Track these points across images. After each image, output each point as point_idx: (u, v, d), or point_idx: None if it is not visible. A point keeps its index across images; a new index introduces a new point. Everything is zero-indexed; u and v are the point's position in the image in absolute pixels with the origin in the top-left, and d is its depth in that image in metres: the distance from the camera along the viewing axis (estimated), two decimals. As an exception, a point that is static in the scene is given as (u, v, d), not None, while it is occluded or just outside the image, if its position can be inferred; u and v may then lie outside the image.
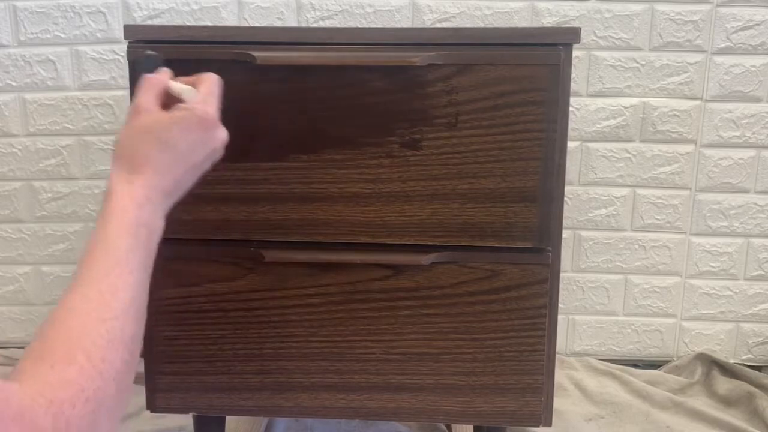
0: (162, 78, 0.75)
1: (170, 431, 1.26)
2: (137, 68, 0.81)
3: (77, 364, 0.52)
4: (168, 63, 0.93)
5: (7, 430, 0.45)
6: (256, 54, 0.90)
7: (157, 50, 0.89)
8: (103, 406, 0.52)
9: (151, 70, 0.77)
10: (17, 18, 1.40)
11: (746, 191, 1.46)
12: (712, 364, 1.49)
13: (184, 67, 0.93)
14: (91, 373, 0.53)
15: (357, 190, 0.94)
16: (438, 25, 1.40)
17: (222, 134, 0.73)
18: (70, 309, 0.57)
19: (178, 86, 0.75)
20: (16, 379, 0.51)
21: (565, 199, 1.22)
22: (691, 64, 1.41)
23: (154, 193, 0.66)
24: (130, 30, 0.94)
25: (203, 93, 0.73)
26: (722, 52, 1.40)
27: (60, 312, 0.57)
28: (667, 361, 1.53)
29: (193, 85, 0.76)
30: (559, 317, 1.07)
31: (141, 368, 0.86)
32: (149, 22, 1.39)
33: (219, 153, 0.74)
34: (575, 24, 1.38)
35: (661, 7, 1.39)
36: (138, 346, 0.60)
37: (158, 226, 0.68)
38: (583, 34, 0.96)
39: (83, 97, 1.43)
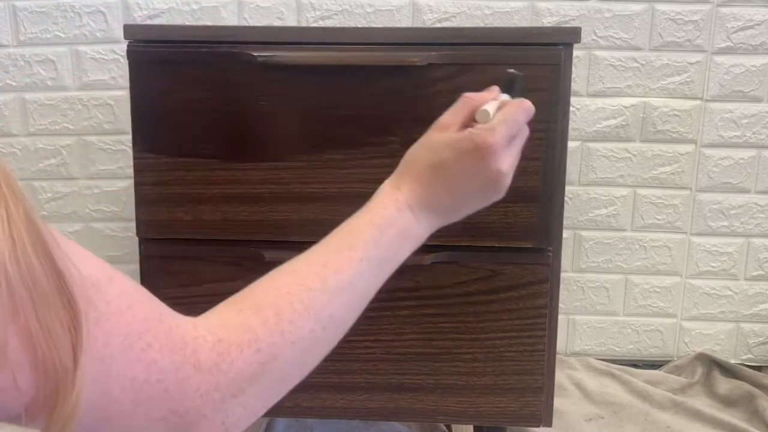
0: (478, 98, 0.69)
1: (170, 431, 1.26)
2: (503, 87, 0.73)
3: (263, 316, 0.52)
4: (168, 63, 0.93)
5: (167, 359, 0.45)
6: (256, 54, 0.90)
7: (157, 50, 0.89)
8: (275, 362, 0.51)
9: (511, 90, 0.72)
10: (17, 18, 1.40)
11: (746, 191, 1.46)
12: (712, 364, 1.49)
13: (184, 67, 0.93)
14: (273, 329, 0.52)
15: (357, 190, 0.94)
16: (438, 25, 1.40)
17: (498, 164, 0.64)
18: (288, 269, 0.58)
19: (483, 109, 0.68)
20: (206, 314, 0.52)
21: (566, 199, 1.22)
22: (691, 63, 1.41)
23: (416, 203, 0.64)
24: (130, 30, 0.94)
25: (497, 119, 0.66)
26: (722, 51, 1.40)
27: (279, 270, 0.58)
28: (668, 361, 1.52)
29: (503, 108, 0.69)
30: (560, 317, 1.07)
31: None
32: (149, 22, 1.39)
33: (498, 186, 0.66)
34: (575, 24, 1.38)
35: (661, 6, 1.39)
36: (337, 328, 0.58)
37: (414, 235, 0.64)
38: (583, 34, 0.96)
39: (83, 97, 1.43)
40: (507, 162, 0.65)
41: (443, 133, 0.67)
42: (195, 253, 0.97)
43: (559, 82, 0.91)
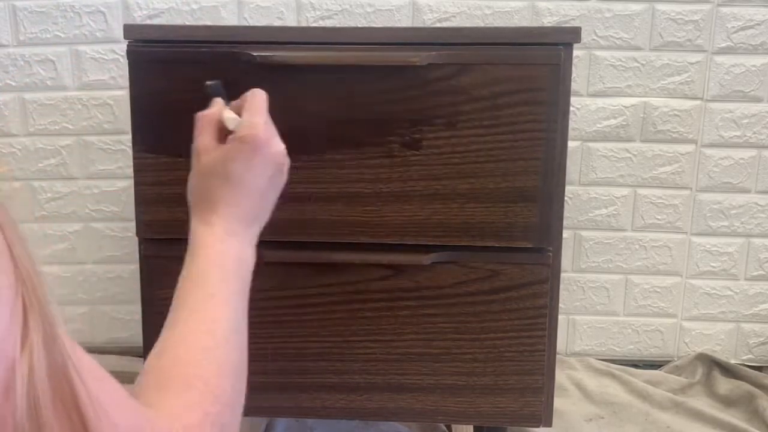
0: (214, 112, 0.73)
1: None
2: (207, 93, 0.78)
3: (196, 389, 0.53)
4: (168, 63, 0.93)
5: None
6: (255, 54, 0.90)
7: (157, 50, 0.89)
8: (225, 427, 0.54)
9: (218, 96, 0.76)
10: (17, 18, 1.40)
11: (747, 191, 1.45)
12: (712, 364, 1.49)
13: (184, 67, 0.93)
14: (209, 397, 0.54)
15: (357, 190, 0.94)
16: (438, 25, 1.40)
17: (277, 148, 0.70)
18: (174, 341, 0.58)
19: (228, 117, 0.73)
20: (147, 403, 0.52)
21: (566, 198, 1.22)
22: (691, 63, 1.41)
23: (233, 225, 0.66)
24: (129, 30, 0.94)
25: (248, 116, 0.70)
26: (723, 51, 1.40)
27: (165, 345, 0.58)
28: (668, 361, 1.52)
29: (242, 107, 0.74)
30: (560, 317, 1.06)
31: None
32: (149, 22, 1.39)
33: (283, 164, 0.72)
34: (575, 24, 1.38)
35: (661, 6, 1.39)
36: (244, 374, 0.60)
37: (247, 255, 0.67)
38: (583, 34, 0.96)
39: (83, 97, 1.43)
40: (278, 140, 0.71)
41: (209, 154, 0.69)
42: (195, 253, 0.97)
43: (559, 82, 0.91)
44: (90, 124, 1.44)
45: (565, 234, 1.42)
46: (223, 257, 0.64)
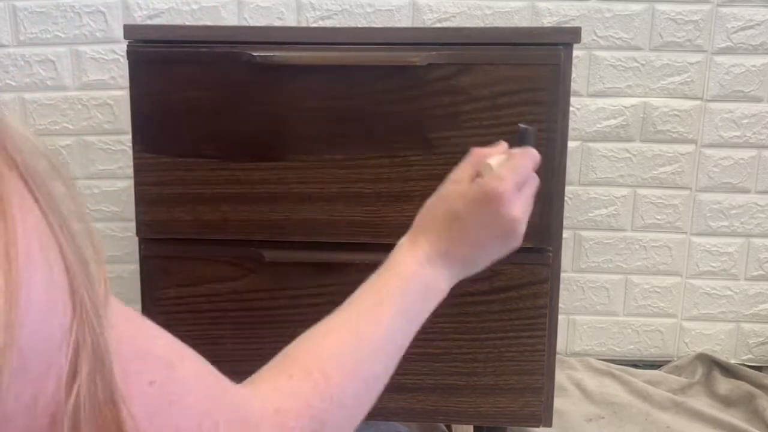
0: (484, 152, 0.71)
1: None
2: (520, 141, 0.75)
3: (312, 380, 0.53)
4: (168, 63, 0.93)
5: None
6: (255, 53, 0.90)
7: (157, 50, 0.89)
8: (326, 427, 0.52)
9: (525, 143, 0.73)
10: (17, 18, 1.40)
11: (747, 191, 1.45)
12: (712, 364, 1.49)
13: (184, 67, 0.93)
14: (323, 393, 0.53)
15: (357, 190, 0.94)
16: (438, 25, 1.40)
17: (510, 212, 0.65)
18: (322, 333, 0.58)
19: (488, 163, 0.70)
20: (254, 381, 0.52)
21: (566, 198, 1.22)
22: (691, 63, 1.41)
23: (436, 256, 0.65)
24: (129, 30, 0.94)
25: (504, 169, 0.66)
26: (723, 51, 1.40)
27: (313, 333, 0.58)
28: (668, 362, 1.52)
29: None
30: (560, 317, 1.06)
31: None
32: (149, 22, 1.39)
33: (514, 233, 0.66)
34: (575, 24, 1.38)
35: (661, 6, 1.39)
36: (377, 387, 0.59)
37: (437, 288, 0.65)
38: (583, 34, 0.96)
39: (83, 97, 1.43)
40: (519, 208, 0.66)
41: (456, 185, 0.68)
42: (195, 253, 0.97)
43: (559, 82, 0.91)
44: (90, 124, 1.44)
45: (565, 234, 1.42)
46: (411, 275, 0.64)
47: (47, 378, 0.33)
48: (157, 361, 0.41)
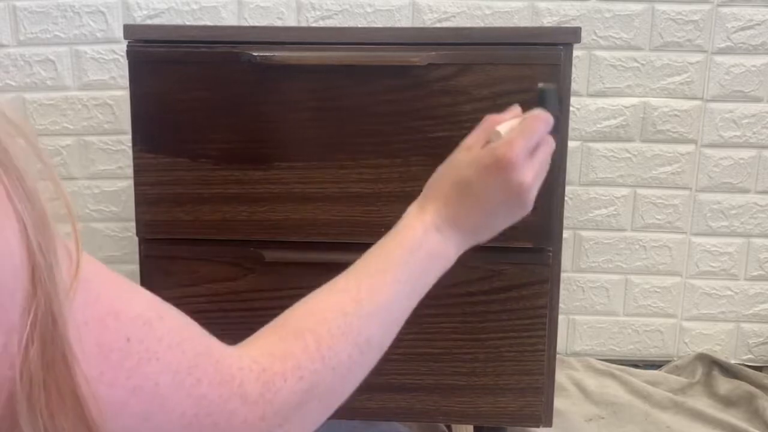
0: (496, 118, 0.70)
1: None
2: (540, 102, 0.72)
3: (303, 342, 0.52)
4: (168, 63, 0.93)
5: (215, 392, 0.45)
6: (256, 54, 0.90)
7: (157, 50, 0.88)
8: (317, 389, 0.52)
9: (546, 103, 0.70)
10: (17, 18, 1.40)
11: (747, 191, 1.45)
12: (712, 364, 1.49)
13: (184, 67, 0.93)
14: (313, 355, 0.52)
15: (357, 190, 0.94)
16: (438, 25, 1.40)
17: (519, 177, 0.63)
18: (322, 295, 0.58)
19: (498, 130, 0.68)
20: (247, 342, 0.52)
21: (566, 198, 1.22)
22: (691, 63, 1.41)
23: (444, 223, 0.64)
24: (129, 30, 0.94)
25: (513, 133, 0.65)
26: (723, 51, 1.40)
27: (314, 295, 0.58)
28: (668, 362, 1.52)
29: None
30: (560, 317, 1.06)
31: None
32: (149, 22, 1.39)
33: (522, 199, 0.65)
34: (575, 24, 1.38)
35: (661, 6, 1.39)
36: (374, 352, 0.58)
37: (444, 255, 0.65)
38: (583, 34, 0.96)
39: (83, 97, 1.43)
40: (529, 174, 0.64)
41: (468, 152, 0.67)
42: (195, 253, 0.97)
43: (559, 82, 0.91)
44: (90, 124, 1.44)
45: (565, 234, 1.42)
46: (417, 245, 0.62)
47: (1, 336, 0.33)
48: (135, 319, 0.41)
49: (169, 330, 0.44)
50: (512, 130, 0.66)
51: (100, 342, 0.38)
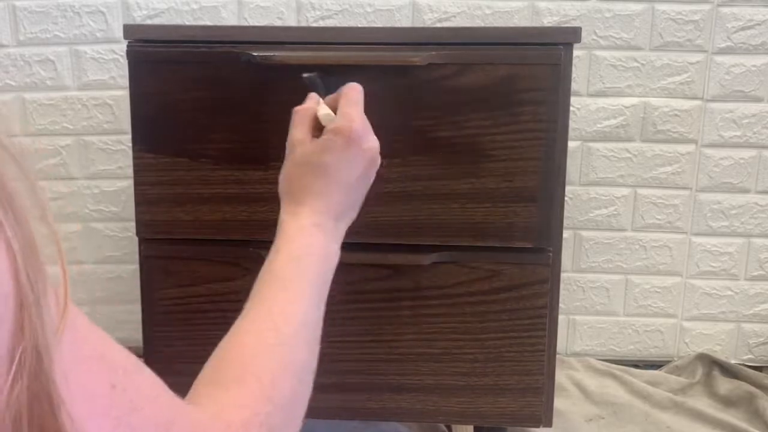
0: (310, 107, 0.73)
1: None
2: (311, 90, 0.78)
3: (249, 387, 0.52)
4: (168, 63, 0.93)
5: None
6: (255, 53, 0.90)
7: (157, 50, 0.88)
8: (274, 431, 0.52)
9: (315, 88, 0.76)
10: (16, 18, 1.40)
11: (747, 191, 1.45)
12: (712, 364, 1.49)
13: (184, 67, 0.93)
14: (262, 397, 0.52)
15: (357, 190, 0.94)
16: (438, 25, 1.39)
17: (371, 143, 0.70)
18: (240, 335, 0.58)
19: (323, 114, 0.73)
20: (193, 402, 0.51)
21: (566, 198, 1.22)
22: (691, 63, 1.41)
23: (321, 218, 0.65)
24: (129, 30, 0.94)
25: (342, 110, 0.70)
26: (723, 51, 1.40)
27: (231, 338, 0.57)
28: (668, 362, 1.52)
29: (337, 101, 0.73)
30: (560, 317, 1.06)
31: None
32: (149, 22, 1.39)
33: (376, 160, 0.71)
34: (576, 23, 1.38)
35: (661, 6, 1.39)
36: (308, 374, 0.58)
37: (331, 251, 0.66)
38: (583, 34, 0.96)
39: (83, 97, 1.43)
40: (372, 136, 0.70)
41: (304, 146, 0.68)
42: (194, 253, 0.97)
43: (559, 82, 0.91)
44: (90, 124, 1.44)
45: (565, 234, 1.42)
46: (305, 250, 0.63)
47: None
48: (117, 367, 0.40)
49: (148, 384, 0.43)
50: (341, 107, 0.70)
51: (87, 386, 0.38)
